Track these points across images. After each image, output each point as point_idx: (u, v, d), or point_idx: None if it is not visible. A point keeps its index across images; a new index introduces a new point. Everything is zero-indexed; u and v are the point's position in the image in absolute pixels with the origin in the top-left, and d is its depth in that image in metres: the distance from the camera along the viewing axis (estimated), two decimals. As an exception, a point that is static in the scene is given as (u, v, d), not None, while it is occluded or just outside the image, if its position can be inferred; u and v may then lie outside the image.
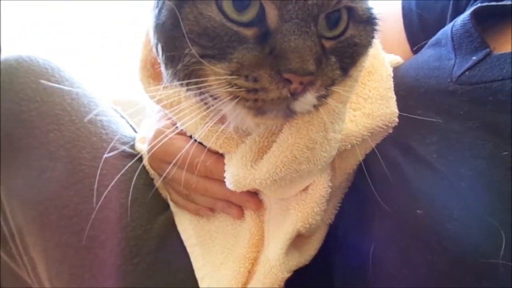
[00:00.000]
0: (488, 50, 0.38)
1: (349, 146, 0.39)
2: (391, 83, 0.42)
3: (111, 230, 0.43)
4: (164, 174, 0.44)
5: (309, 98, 0.31)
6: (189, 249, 0.45)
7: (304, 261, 0.39)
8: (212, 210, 0.45)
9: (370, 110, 0.40)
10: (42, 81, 0.48)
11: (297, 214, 0.38)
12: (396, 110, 0.40)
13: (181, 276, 0.43)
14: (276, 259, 0.38)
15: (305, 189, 0.40)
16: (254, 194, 0.43)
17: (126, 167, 0.46)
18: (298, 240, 0.41)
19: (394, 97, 0.41)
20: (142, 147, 0.52)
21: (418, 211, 0.35)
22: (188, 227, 0.46)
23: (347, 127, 0.39)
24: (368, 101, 0.41)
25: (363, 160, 0.41)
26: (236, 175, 0.38)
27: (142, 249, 0.44)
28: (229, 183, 0.39)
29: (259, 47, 0.29)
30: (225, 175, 0.40)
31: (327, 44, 0.32)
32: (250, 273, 0.42)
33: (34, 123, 0.46)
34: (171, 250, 0.45)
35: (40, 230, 0.44)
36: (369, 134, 0.39)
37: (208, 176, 0.42)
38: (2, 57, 0.49)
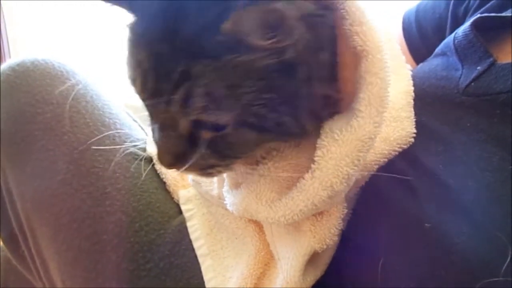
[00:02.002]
0: (491, 59, 0.38)
1: (366, 173, 0.39)
2: (408, 100, 0.42)
3: (124, 234, 0.43)
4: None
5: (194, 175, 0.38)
6: (200, 259, 0.44)
7: (320, 272, 0.39)
8: None
9: (387, 134, 0.39)
10: (57, 84, 0.48)
11: (314, 236, 0.37)
12: (413, 130, 0.40)
13: (194, 282, 0.42)
14: (295, 282, 0.37)
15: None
16: None
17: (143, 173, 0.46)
18: (312, 255, 0.39)
19: (411, 116, 0.41)
20: (154, 150, 0.52)
21: (426, 224, 0.34)
22: (200, 236, 0.46)
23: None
24: (384, 124, 0.39)
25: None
26: (246, 204, 0.37)
27: (156, 254, 0.43)
28: (234, 208, 0.38)
29: None
30: (225, 194, 0.40)
31: (206, 135, 0.33)
32: None
33: (49, 125, 0.46)
34: (185, 256, 0.44)
35: (53, 233, 0.44)
36: (386, 159, 0.39)
37: None
38: (19, 59, 0.50)
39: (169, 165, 0.34)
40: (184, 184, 0.50)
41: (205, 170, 0.35)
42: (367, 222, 0.40)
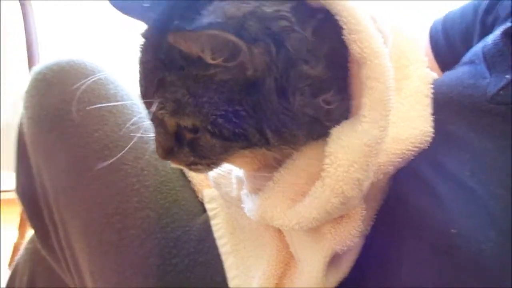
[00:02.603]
0: None
1: (382, 176, 0.38)
2: (420, 100, 0.42)
3: (151, 230, 0.45)
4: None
5: (183, 168, 0.40)
6: (223, 256, 0.45)
7: (343, 274, 0.39)
8: None
9: (397, 134, 0.39)
10: (90, 83, 0.50)
11: (334, 238, 0.37)
12: (428, 128, 0.40)
13: (218, 280, 0.43)
14: (317, 283, 0.38)
15: None
16: None
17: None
18: (334, 257, 0.40)
19: (425, 114, 0.41)
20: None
21: (452, 230, 0.34)
22: (224, 234, 0.47)
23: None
24: (391, 126, 0.38)
25: (394, 176, 0.40)
26: (262, 211, 0.38)
27: (181, 251, 0.45)
28: (251, 214, 0.39)
29: None
30: (244, 197, 0.41)
31: (187, 135, 0.37)
32: None
33: (82, 124, 0.48)
34: (209, 254, 0.45)
35: (84, 226, 0.46)
36: (400, 159, 0.39)
37: None
38: (55, 60, 0.53)
39: (162, 158, 0.39)
40: (208, 184, 0.52)
41: (190, 165, 0.39)
42: (390, 227, 0.40)
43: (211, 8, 0.33)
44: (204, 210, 0.50)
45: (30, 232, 1.32)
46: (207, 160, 0.38)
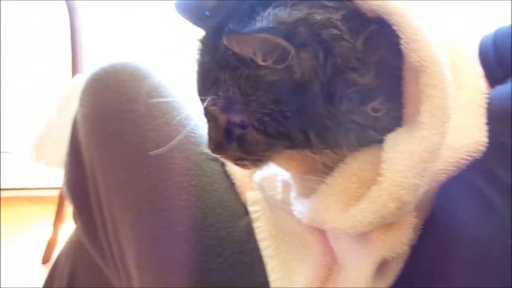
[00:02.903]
0: None
1: (435, 183, 0.38)
2: (474, 110, 0.41)
3: (197, 228, 0.46)
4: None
5: (230, 163, 0.42)
6: (266, 259, 0.46)
7: (390, 282, 0.39)
8: None
9: (451, 142, 0.39)
10: (143, 85, 0.53)
11: (384, 244, 0.38)
12: (482, 138, 0.39)
13: (261, 280, 0.44)
14: None
15: None
16: None
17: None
18: (381, 264, 0.40)
19: (478, 124, 0.40)
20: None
21: (509, 241, 0.34)
22: (266, 237, 0.47)
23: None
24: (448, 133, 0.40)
25: (443, 184, 0.40)
26: (314, 214, 0.38)
27: (225, 251, 0.46)
28: (302, 217, 0.40)
29: None
30: (293, 201, 0.42)
31: (236, 131, 0.39)
32: None
33: (135, 122, 0.50)
34: (251, 255, 0.46)
35: (134, 221, 0.48)
36: (454, 168, 0.39)
37: None
38: (111, 62, 0.55)
39: (212, 151, 0.42)
40: (251, 186, 0.53)
41: (236, 161, 0.41)
42: (438, 236, 0.40)
43: (265, 14, 0.35)
44: (246, 213, 0.51)
45: (64, 229, 1.37)
46: (252, 156, 0.40)
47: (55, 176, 1.41)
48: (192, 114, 0.55)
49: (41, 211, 1.66)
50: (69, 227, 1.34)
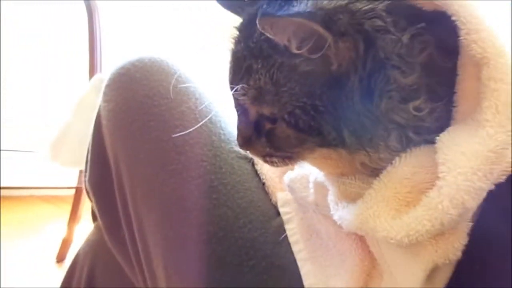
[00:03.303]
0: None
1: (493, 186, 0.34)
2: None
3: (229, 228, 0.44)
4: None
5: (258, 159, 0.41)
6: (299, 263, 0.44)
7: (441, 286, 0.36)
8: None
9: None
10: (171, 80, 0.51)
11: (436, 250, 0.35)
12: None
13: (295, 285, 0.42)
14: None
15: None
16: None
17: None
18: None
19: None
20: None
21: None
22: (299, 240, 0.45)
23: None
24: None
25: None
26: (361, 221, 0.35)
27: (258, 252, 0.43)
28: (346, 224, 0.37)
29: None
30: (332, 204, 0.39)
31: (266, 126, 0.38)
32: None
33: (163, 117, 0.49)
34: (285, 258, 0.44)
35: (161, 219, 0.46)
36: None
37: None
38: (138, 56, 0.54)
39: (241, 146, 0.40)
40: (282, 187, 0.51)
41: (265, 157, 0.40)
42: (496, 240, 0.37)
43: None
44: (278, 213, 0.49)
45: (80, 228, 1.37)
46: (282, 152, 0.38)
47: (70, 175, 1.41)
48: (220, 111, 0.53)
49: (56, 210, 1.67)
50: (84, 226, 1.34)
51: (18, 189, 1.82)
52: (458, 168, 0.31)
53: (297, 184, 0.47)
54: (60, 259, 1.35)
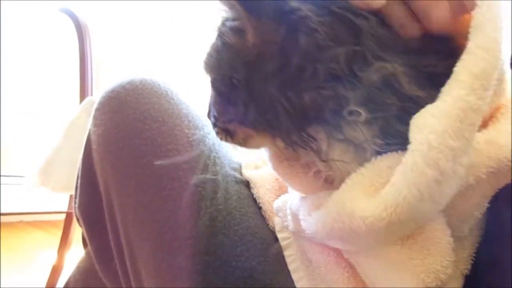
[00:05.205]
0: None
1: (473, 180, 0.33)
2: None
3: (226, 257, 0.42)
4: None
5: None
6: None
7: None
8: None
9: (493, 137, 0.34)
10: (163, 102, 0.50)
11: (421, 268, 0.33)
12: None
13: None
14: None
15: (416, 236, 0.35)
16: None
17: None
18: None
19: None
20: (250, 174, 0.51)
21: None
22: (299, 267, 0.43)
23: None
24: (492, 128, 0.35)
25: (496, 202, 0.36)
26: (338, 209, 0.33)
27: (257, 282, 0.41)
28: (317, 225, 0.35)
29: None
30: (304, 220, 0.38)
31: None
32: None
33: (155, 142, 0.47)
34: (286, 286, 0.42)
35: (153, 249, 0.43)
36: (495, 166, 0.33)
37: None
38: (129, 78, 0.52)
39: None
40: (279, 211, 0.49)
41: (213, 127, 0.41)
42: (496, 263, 0.35)
43: None
44: (276, 239, 0.47)
45: (71, 254, 1.33)
46: (219, 122, 0.40)
47: (60, 200, 1.38)
48: (214, 132, 0.52)
49: (46, 236, 1.62)
50: (75, 252, 1.30)
51: (5, 215, 1.77)
52: (427, 127, 0.30)
53: (280, 213, 0.46)
54: (50, 286, 1.30)
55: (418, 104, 0.32)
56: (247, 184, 0.50)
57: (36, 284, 1.32)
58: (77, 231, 1.33)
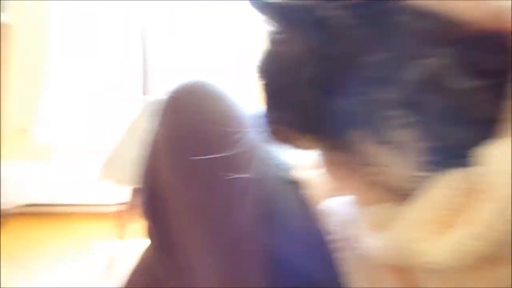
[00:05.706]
0: None
1: None
2: None
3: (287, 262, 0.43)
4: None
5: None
6: None
7: None
8: None
9: None
10: (219, 104, 0.52)
11: (489, 283, 0.31)
12: None
13: None
14: None
15: None
16: None
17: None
18: None
19: None
20: (302, 175, 0.52)
21: None
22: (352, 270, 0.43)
23: None
24: None
25: None
26: (399, 247, 0.32)
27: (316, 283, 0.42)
28: (376, 251, 0.34)
29: None
30: (363, 237, 0.37)
31: None
32: None
33: (212, 144, 0.49)
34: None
35: (212, 258, 0.46)
36: None
37: None
38: (189, 81, 0.55)
39: None
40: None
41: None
42: None
43: None
44: (327, 241, 0.47)
45: (127, 245, 1.39)
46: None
47: (117, 193, 1.46)
48: (263, 134, 0.53)
49: (103, 227, 1.68)
50: (132, 243, 1.36)
51: (65, 206, 1.87)
52: (504, 177, 0.28)
53: (332, 216, 0.46)
54: (108, 277, 1.36)
55: (464, 99, 0.31)
56: (298, 185, 0.51)
57: (94, 275, 1.37)
58: (133, 223, 1.39)
